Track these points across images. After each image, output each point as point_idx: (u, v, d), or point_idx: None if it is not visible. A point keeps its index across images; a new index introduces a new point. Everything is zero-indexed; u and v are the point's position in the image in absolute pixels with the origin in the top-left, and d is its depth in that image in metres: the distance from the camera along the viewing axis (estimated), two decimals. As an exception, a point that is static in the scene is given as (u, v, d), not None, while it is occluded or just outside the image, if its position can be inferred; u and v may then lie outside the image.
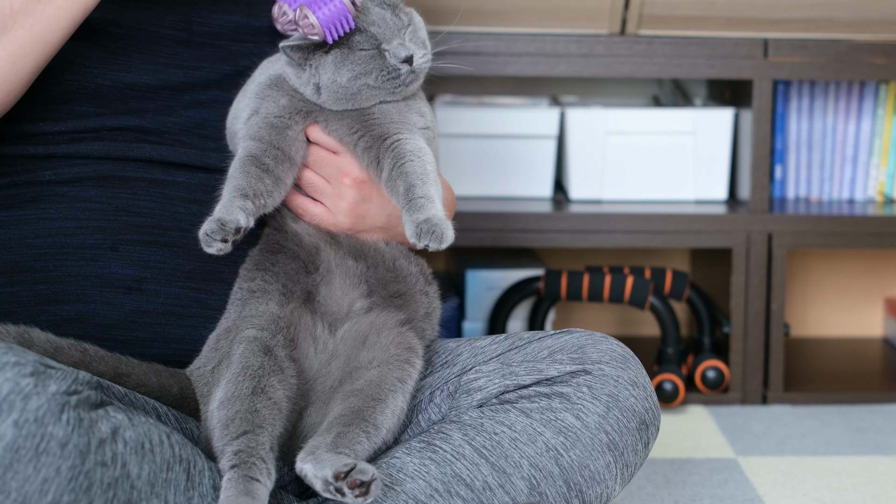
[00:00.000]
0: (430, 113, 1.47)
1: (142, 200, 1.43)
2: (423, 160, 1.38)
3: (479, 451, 1.33)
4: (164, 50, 1.48)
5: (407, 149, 1.39)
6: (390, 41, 1.39)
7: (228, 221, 1.32)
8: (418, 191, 1.35)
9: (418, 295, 1.45)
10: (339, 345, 1.39)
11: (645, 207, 2.30)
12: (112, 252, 1.42)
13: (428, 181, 1.37)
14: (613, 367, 1.38)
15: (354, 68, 1.38)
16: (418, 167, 1.37)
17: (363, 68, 1.38)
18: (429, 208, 1.33)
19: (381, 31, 1.39)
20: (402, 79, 1.39)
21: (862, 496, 1.83)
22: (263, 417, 1.27)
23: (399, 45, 1.39)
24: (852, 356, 2.52)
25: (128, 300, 1.42)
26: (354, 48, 1.38)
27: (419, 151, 1.39)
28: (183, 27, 1.49)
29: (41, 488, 1.11)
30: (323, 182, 1.44)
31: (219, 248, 1.32)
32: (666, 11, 2.22)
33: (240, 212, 1.33)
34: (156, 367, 1.40)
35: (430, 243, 1.30)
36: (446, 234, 1.31)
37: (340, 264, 1.42)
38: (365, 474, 1.22)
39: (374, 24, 1.39)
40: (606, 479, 1.34)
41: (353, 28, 1.38)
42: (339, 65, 1.38)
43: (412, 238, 1.31)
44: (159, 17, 1.48)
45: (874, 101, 2.42)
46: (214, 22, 1.50)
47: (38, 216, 1.42)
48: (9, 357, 1.13)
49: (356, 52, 1.38)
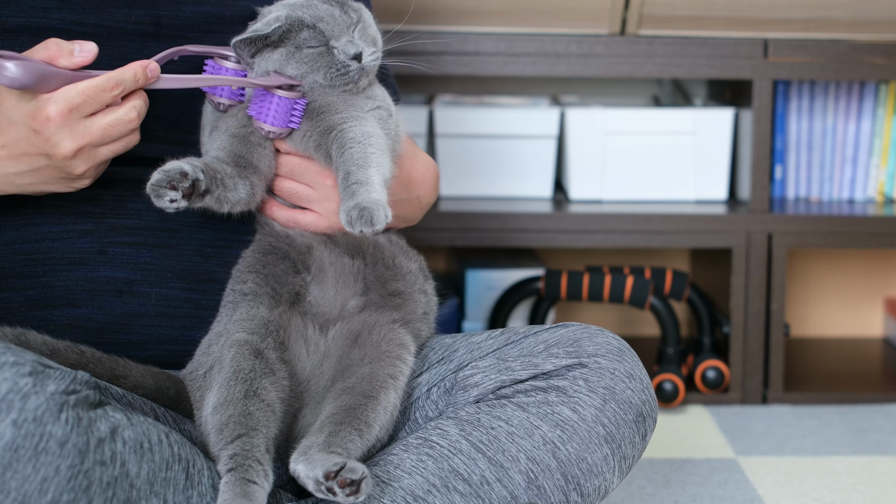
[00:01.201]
0: (382, 93, 1.45)
1: (128, 202, 1.42)
2: (363, 144, 1.35)
3: (476, 446, 1.33)
4: (132, 45, 1.45)
5: (348, 136, 1.36)
6: (339, 38, 1.37)
7: (170, 169, 1.29)
8: (353, 177, 1.32)
9: (417, 294, 1.45)
10: (330, 345, 1.39)
11: (645, 207, 2.30)
12: (101, 255, 1.41)
13: (366, 164, 1.33)
14: (609, 360, 1.37)
15: (301, 66, 1.36)
16: (357, 153, 1.34)
17: (311, 66, 1.36)
18: (360, 193, 1.29)
19: (329, 27, 1.37)
20: (352, 76, 1.37)
21: (862, 496, 1.83)
22: (257, 420, 1.27)
23: (348, 42, 1.37)
24: (852, 356, 2.52)
25: (119, 303, 1.41)
26: (302, 46, 1.37)
27: (361, 137, 1.36)
28: (150, 21, 1.46)
29: (40, 487, 1.11)
30: (307, 189, 1.42)
31: (170, 197, 1.28)
32: (666, 11, 2.22)
33: (185, 163, 1.30)
34: (152, 369, 1.40)
35: (362, 228, 1.27)
36: (375, 216, 1.27)
37: (335, 262, 1.41)
38: (355, 473, 1.21)
39: (323, 20, 1.37)
40: (604, 471, 1.34)
41: (306, 102, 1.37)
42: (286, 63, 1.37)
43: (345, 226, 1.28)
44: (124, 13, 1.45)
45: (874, 101, 2.42)
46: (183, 14, 1.48)
47: (25, 222, 1.41)
48: (7, 357, 1.13)
49: (303, 50, 1.36)
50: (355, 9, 1.40)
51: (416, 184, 1.51)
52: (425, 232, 2.21)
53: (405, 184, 1.48)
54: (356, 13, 1.40)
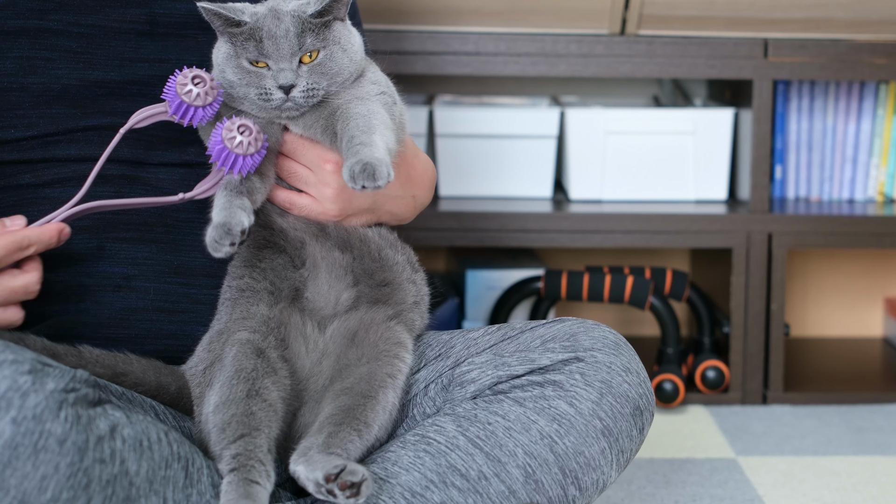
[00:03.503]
0: (385, 79, 1.44)
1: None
2: (367, 117, 1.34)
3: (474, 442, 1.33)
4: (127, 44, 1.46)
5: (353, 111, 1.35)
6: (277, 62, 1.34)
7: (234, 224, 1.31)
8: (356, 139, 1.31)
9: (406, 283, 1.45)
10: (329, 343, 1.39)
11: (645, 207, 2.30)
12: (99, 251, 1.41)
13: (371, 131, 1.32)
14: (606, 354, 1.37)
15: (238, 73, 1.35)
16: (362, 123, 1.33)
17: (245, 79, 1.35)
18: (363, 151, 1.28)
19: (272, 48, 1.34)
20: (274, 104, 1.35)
21: (862, 496, 1.83)
22: (259, 420, 1.27)
23: (282, 70, 1.33)
24: (852, 356, 2.52)
25: (117, 298, 1.41)
26: (241, 55, 1.34)
27: (367, 112, 1.35)
28: (145, 20, 1.46)
29: (40, 485, 1.11)
30: (305, 171, 1.42)
31: (227, 252, 1.31)
32: (666, 11, 2.22)
33: (241, 212, 1.32)
34: (154, 363, 1.40)
35: (364, 182, 1.26)
36: (378, 171, 1.26)
37: (326, 257, 1.41)
38: (355, 475, 1.22)
39: (272, 38, 1.33)
40: (602, 465, 1.34)
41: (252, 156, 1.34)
42: (226, 62, 1.36)
43: (348, 181, 1.27)
44: (119, 12, 1.45)
45: (874, 101, 2.42)
46: (178, 11, 1.48)
47: None
48: (6, 355, 1.13)
49: (241, 59, 1.34)
50: (332, 39, 1.36)
51: (413, 182, 1.51)
52: (425, 232, 2.21)
53: (402, 181, 1.48)
54: (316, 41, 1.35)
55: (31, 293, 1.34)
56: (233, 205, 1.33)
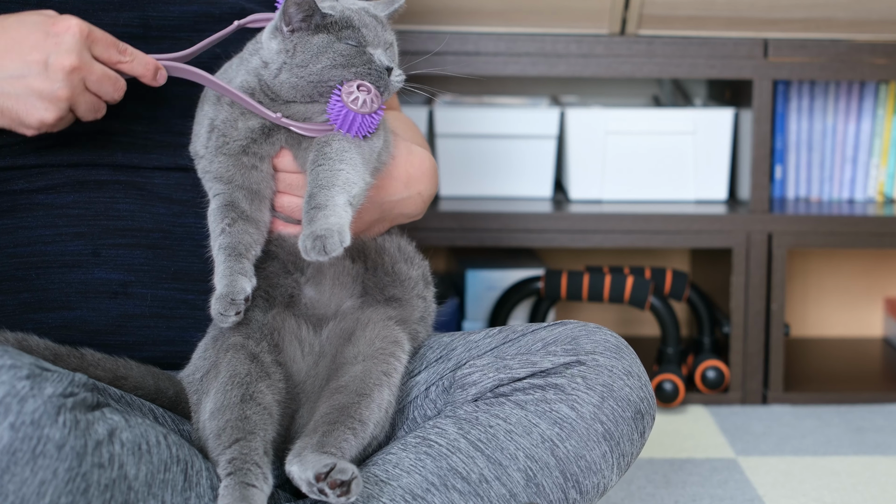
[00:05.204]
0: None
1: (120, 203, 1.42)
2: (333, 160, 1.34)
3: (475, 444, 1.33)
4: None
5: (324, 151, 1.35)
6: (376, 48, 1.38)
7: (237, 293, 1.31)
8: (313, 200, 1.30)
9: (415, 300, 1.45)
10: (325, 344, 1.39)
11: (645, 207, 2.30)
12: (94, 257, 1.41)
13: (331, 184, 1.32)
14: (607, 358, 1.37)
15: (336, 58, 1.35)
16: (324, 171, 1.33)
17: (345, 60, 1.35)
18: (318, 219, 1.28)
19: (371, 35, 1.38)
20: (383, 78, 1.37)
21: (862, 496, 1.84)
22: (254, 423, 1.27)
23: (383, 53, 1.38)
24: (852, 356, 2.52)
25: (114, 305, 1.41)
26: (342, 39, 1.36)
27: (336, 153, 1.35)
28: (138, 23, 1.46)
29: (38, 491, 1.11)
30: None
31: (233, 321, 1.31)
32: (666, 11, 2.22)
33: (242, 278, 1.32)
34: (152, 369, 1.40)
35: (316, 257, 1.26)
36: (328, 244, 1.26)
37: (335, 264, 1.41)
38: (344, 474, 1.22)
39: (366, 27, 1.38)
40: (603, 468, 1.34)
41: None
42: (322, 51, 1.36)
43: (301, 253, 1.28)
44: (112, 16, 1.45)
45: (874, 101, 2.41)
46: (171, 14, 1.47)
47: (16, 225, 1.41)
48: (4, 360, 1.13)
49: (342, 43, 1.36)
50: (391, 33, 1.42)
51: (415, 180, 1.51)
52: (425, 232, 2.21)
53: (405, 182, 1.48)
54: (392, 37, 1.41)
55: (117, 87, 1.34)
56: (234, 272, 1.33)
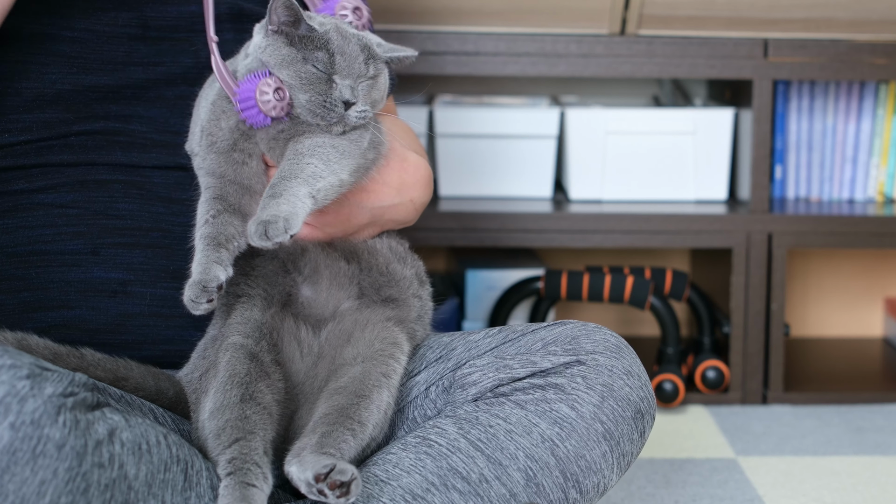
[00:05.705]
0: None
1: (119, 203, 1.43)
2: (303, 155, 1.34)
3: (475, 444, 1.33)
4: (121, 48, 1.46)
5: (295, 148, 1.35)
6: (344, 78, 1.35)
7: (209, 281, 1.30)
8: (272, 189, 1.31)
9: (411, 299, 1.45)
10: (324, 345, 1.39)
11: (645, 207, 2.30)
12: (94, 256, 1.41)
13: (292, 176, 1.32)
14: (607, 357, 1.37)
15: (296, 77, 1.34)
16: (292, 164, 1.33)
17: (303, 82, 1.34)
18: (269, 207, 1.28)
19: (344, 64, 1.35)
20: (331, 116, 1.35)
21: (862, 496, 1.83)
22: (254, 423, 1.27)
23: (348, 87, 1.35)
24: (852, 356, 2.51)
25: (113, 304, 1.41)
26: (310, 61, 1.34)
27: (306, 149, 1.34)
28: (137, 23, 1.46)
29: (38, 490, 1.11)
30: None
31: (205, 308, 1.30)
32: (666, 11, 2.22)
33: (217, 267, 1.32)
34: (152, 369, 1.40)
35: (260, 242, 1.27)
36: (270, 230, 1.26)
37: (331, 265, 1.41)
38: (344, 474, 1.22)
39: (343, 54, 1.35)
40: (603, 468, 1.34)
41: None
42: (286, 65, 1.35)
43: (249, 239, 1.28)
44: (111, 16, 1.45)
45: (874, 101, 2.41)
46: (170, 14, 1.48)
47: (16, 225, 1.41)
48: (4, 360, 1.13)
49: (308, 65, 1.34)
50: (378, 68, 1.39)
51: (408, 186, 1.50)
52: (425, 232, 2.21)
53: (398, 188, 1.48)
54: (375, 71, 1.38)
55: None
56: (209, 260, 1.32)
